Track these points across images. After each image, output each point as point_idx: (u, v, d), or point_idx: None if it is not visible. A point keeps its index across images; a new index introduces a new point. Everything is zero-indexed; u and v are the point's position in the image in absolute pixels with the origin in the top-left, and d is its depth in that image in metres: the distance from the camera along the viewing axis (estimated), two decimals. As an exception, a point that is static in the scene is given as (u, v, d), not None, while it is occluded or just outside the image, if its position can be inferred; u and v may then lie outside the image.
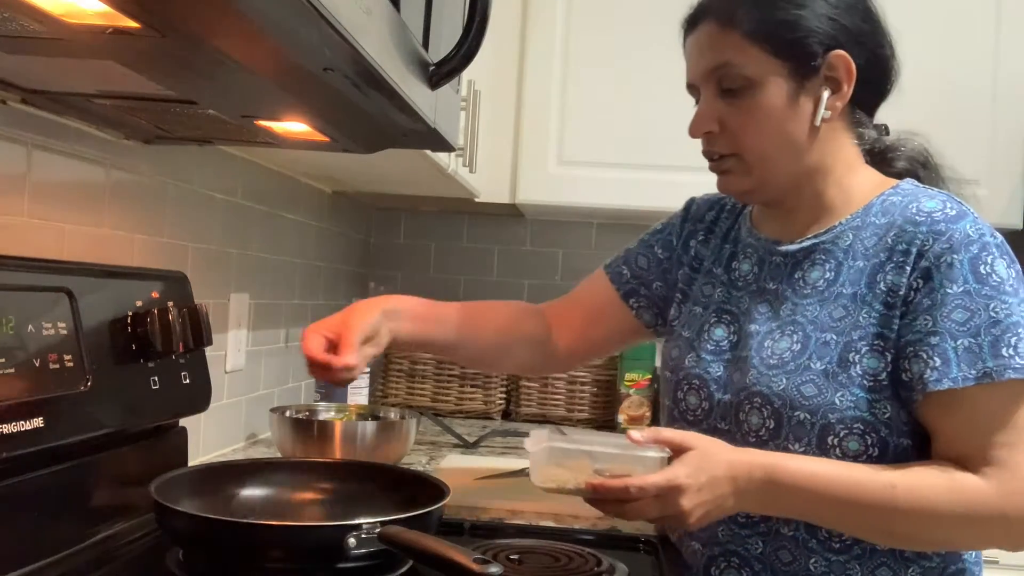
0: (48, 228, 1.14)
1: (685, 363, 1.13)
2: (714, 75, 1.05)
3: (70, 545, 1.02)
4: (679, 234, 1.27)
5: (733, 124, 1.05)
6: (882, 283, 1.01)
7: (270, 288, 1.90)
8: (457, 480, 1.33)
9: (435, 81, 1.04)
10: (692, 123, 1.09)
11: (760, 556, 1.04)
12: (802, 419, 1.00)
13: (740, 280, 1.14)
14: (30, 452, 0.93)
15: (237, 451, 1.74)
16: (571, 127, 2.22)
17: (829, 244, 1.07)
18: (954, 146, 1.18)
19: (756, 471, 0.95)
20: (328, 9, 0.68)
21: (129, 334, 1.12)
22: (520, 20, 2.23)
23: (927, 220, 1.00)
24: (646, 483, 0.92)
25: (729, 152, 1.07)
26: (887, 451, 0.99)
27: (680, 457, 0.94)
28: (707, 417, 1.09)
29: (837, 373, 0.99)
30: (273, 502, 1.17)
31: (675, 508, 0.93)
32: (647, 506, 0.93)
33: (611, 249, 2.69)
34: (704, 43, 1.06)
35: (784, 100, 1.03)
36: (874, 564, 1.01)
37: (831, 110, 1.04)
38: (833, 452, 0.99)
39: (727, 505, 0.96)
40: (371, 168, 1.81)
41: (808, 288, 1.06)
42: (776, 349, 1.04)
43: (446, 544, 0.89)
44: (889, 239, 1.02)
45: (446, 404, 2.39)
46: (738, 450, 0.98)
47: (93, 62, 0.86)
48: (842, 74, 1.03)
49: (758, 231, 1.15)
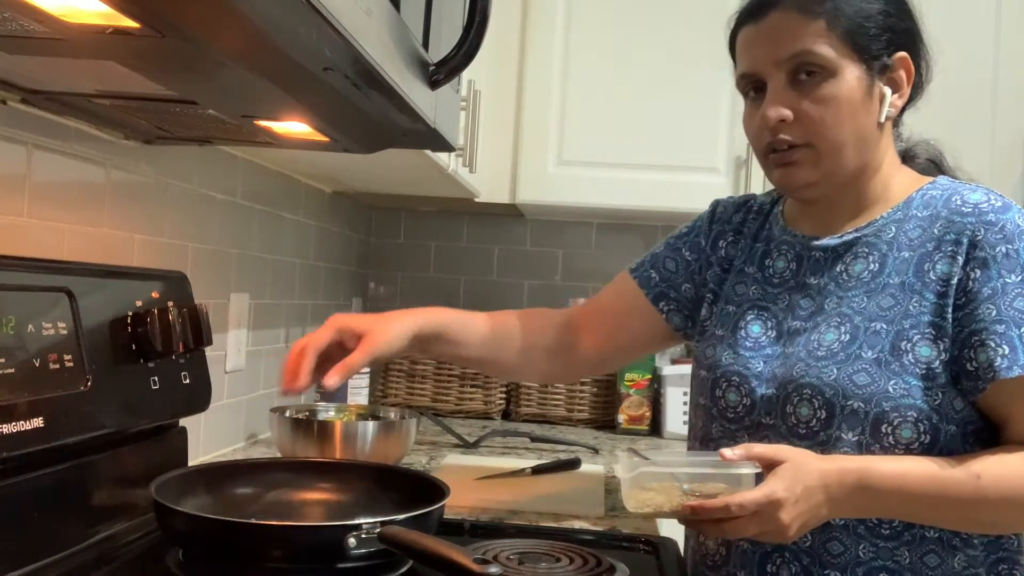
0: (48, 228, 1.14)
1: (723, 360, 1.13)
2: (790, 63, 1.04)
3: (70, 545, 1.02)
4: (707, 235, 1.26)
5: (811, 112, 1.04)
6: (931, 272, 1.02)
7: (270, 288, 1.90)
8: (457, 480, 1.33)
9: (435, 81, 1.04)
10: (765, 110, 1.05)
11: (809, 549, 1.04)
12: (855, 408, 1.01)
13: (776, 277, 1.15)
14: (30, 452, 0.93)
15: (237, 451, 1.74)
16: (571, 127, 2.23)
17: (871, 237, 1.08)
18: (954, 146, 1.19)
19: (848, 476, 0.96)
20: (328, 9, 0.68)
21: (129, 334, 1.12)
22: (520, 20, 2.23)
23: (975, 211, 1.02)
24: (745, 500, 0.92)
25: (802, 142, 1.05)
26: (938, 439, 1.00)
27: (774, 471, 0.95)
28: (749, 413, 1.10)
29: (890, 362, 1.01)
30: (273, 502, 1.17)
31: (775, 523, 0.93)
32: (746, 523, 0.94)
33: (611, 249, 2.71)
34: (780, 30, 1.05)
35: (861, 92, 1.04)
36: (923, 551, 1.02)
37: (894, 108, 1.07)
38: (886, 439, 1.00)
39: (822, 514, 0.97)
40: (371, 168, 1.81)
41: (852, 280, 1.07)
42: (823, 341, 1.05)
43: (446, 544, 0.89)
44: (936, 230, 1.04)
45: (446, 404, 2.39)
46: (827, 458, 0.99)
47: (93, 62, 0.86)
48: (903, 76, 1.07)
49: (793, 229, 1.16)
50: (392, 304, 2.71)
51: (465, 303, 2.68)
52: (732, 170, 2.18)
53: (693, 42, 2.17)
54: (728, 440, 1.11)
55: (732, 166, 2.18)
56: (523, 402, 2.40)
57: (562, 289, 2.68)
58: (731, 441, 1.10)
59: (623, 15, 2.21)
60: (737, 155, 2.17)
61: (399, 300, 2.72)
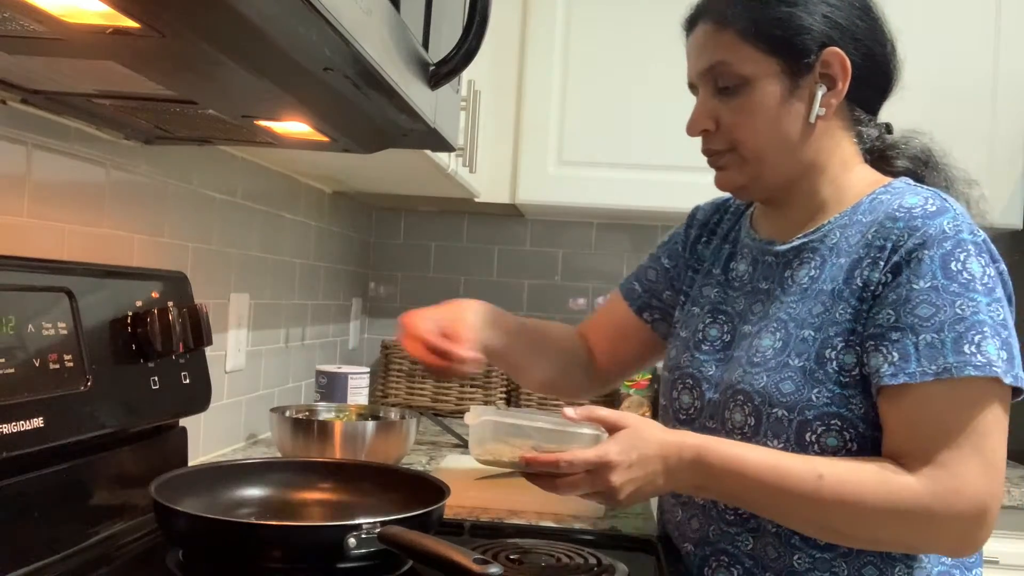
0: (48, 228, 1.14)
1: (681, 362, 1.14)
2: (710, 74, 1.07)
3: (70, 545, 1.02)
4: (684, 241, 1.27)
5: (728, 121, 1.06)
6: (859, 279, 1.00)
7: (270, 288, 1.90)
8: (457, 480, 1.33)
9: (435, 81, 1.04)
10: (689, 122, 1.10)
11: (750, 553, 1.04)
12: (779, 416, 1.00)
13: (736, 280, 1.15)
14: (30, 452, 0.93)
15: (237, 451, 1.74)
16: (571, 127, 2.23)
17: (816, 243, 1.07)
18: (954, 146, 1.18)
19: (686, 451, 0.96)
20: (328, 9, 0.68)
21: (129, 334, 1.12)
22: (520, 20, 2.23)
23: (905, 216, 0.99)
24: (576, 458, 0.93)
25: (725, 148, 1.08)
26: (866, 446, 0.98)
27: (613, 435, 0.96)
28: (699, 416, 1.10)
29: (814, 370, 1.00)
30: (273, 502, 1.17)
31: (605, 484, 0.94)
32: (578, 481, 0.94)
33: (611, 249, 2.71)
34: (701, 43, 1.08)
35: (778, 98, 1.04)
36: (860, 563, 1.00)
37: (826, 107, 1.05)
38: (812, 448, 0.99)
39: (658, 483, 0.97)
40: (371, 168, 1.81)
41: (794, 286, 1.06)
42: (760, 347, 1.05)
43: (446, 544, 0.89)
44: (869, 235, 1.02)
45: (446, 404, 2.39)
46: (671, 431, 1.00)
47: (93, 62, 0.86)
48: (837, 71, 1.04)
49: (755, 232, 1.16)
50: (392, 304, 2.71)
51: (465, 303, 2.68)
52: (732, 170, 2.18)
53: (693, 42, 2.17)
54: None
55: (732, 166, 2.17)
56: (523, 402, 2.40)
57: (562, 289, 2.68)
58: None
59: (623, 15, 2.21)
60: (737, 155, 2.16)
61: (399, 300, 2.72)
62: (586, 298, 2.68)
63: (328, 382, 1.90)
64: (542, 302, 2.67)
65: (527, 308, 2.66)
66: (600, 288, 2.68)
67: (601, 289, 2.68)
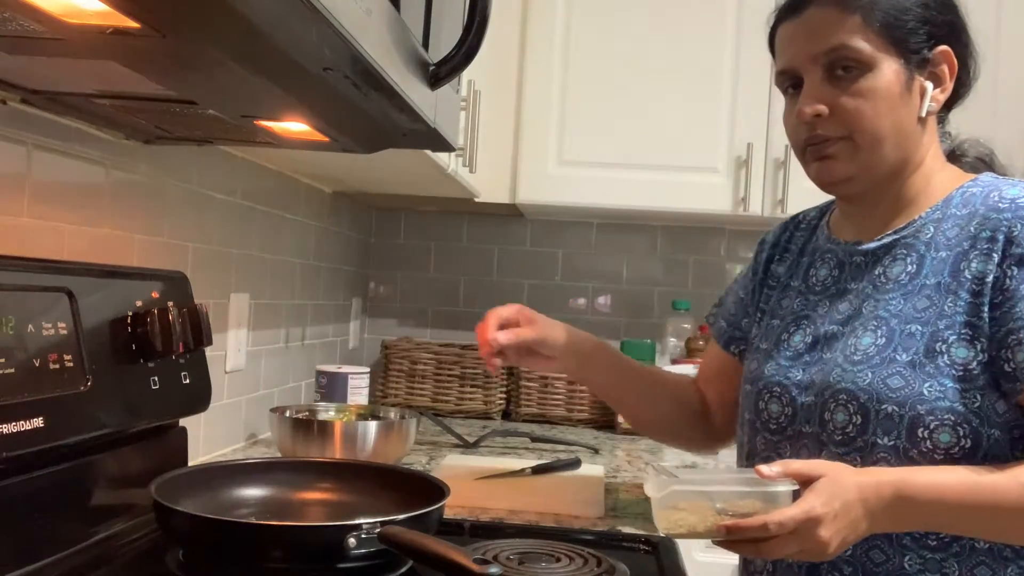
0: (48, 228, 1.14)
1: (764, 372, 1.12)
2: (826, 58, 1.04)
3: (70, 545, 1.02)
4: (756, 266, 1.26)
5: (848, 105, 1.03)
6: (967, 271, 1.00)
7: (270, 288, 1.90)
8: (457, 480, 1.33)
9: (435, 81, 1.04)
10: (800, 105, 1.06)
11: (850, 559, 1.01)
12: (890, 412, 0.98)
13: (818, 285, 1.14)
14: (30, 452, 0.93)
15: (237, 451, 1.74)
16: (571, 127, 2.22)
17: (910, 238, 1.06)
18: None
19: (885, 489, 0.93)
20: (328, 9, 0.68)
21: (129, 334, 1.12)
22: (520, 20, 2.23)
23: (1011, 206, 1.00)
24: (784, 518, 0.89)
25: (840, 135, 1.05)
26: (980, 443, 0.97)
27: (811, 487, 0.92)
28: (791, 423, 1.07)
29: (924, 363, 0.98)
30: (273, 502, 1.17)
31: (814, 540, 0.90)
32: (785, 542, 0.90)
33: (611, 249, 2.71)
34: (817, 25, 1.05)
35: (899, 85, 1.03)
36: (973, 563, 0.99)
37: (935, 103, 1.05)
38: (924, 444, 0.97)
39: (861, 528, 0.93)
40: (371, 168, 1.81)
41: (891, 283, 1.05)
42: (859, 345, 1.03)
43: (446, 544, 0.89)
44: (972, 228, 1.01)
45: (446, 404, 2.39)
46: (864, 471, 0.96)
47: (93, 62, 0.86)
48: (946, 70, 1.05)
49: (836, 236, 1.15)
50: (392, 304, 2.71)
51: (465, 303, 2.69)
52: (732, 170, 2.18)
53: (693, 42, 2.17)
54: (771, 453, 1.09)
55: (732, 166, 2.18)
56: (523, 402, 2.40)
57: (562, 289, 2.68)
58: (774, 454, 1.08)
59: (623, 15, 2.21)
60: (737, 155, 2.17)
61: (399, 300, 2.72)
62: (586, 298, 2.68)
63: (328, 382, 1.90)
64: (542, 302, 2.67)
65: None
66: (600, 288, 2.68)
67: (601, 289, 2.68)
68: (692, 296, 2.57)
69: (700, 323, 2.49)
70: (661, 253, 2.67)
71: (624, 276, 2.68)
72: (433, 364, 2.41)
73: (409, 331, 2.69)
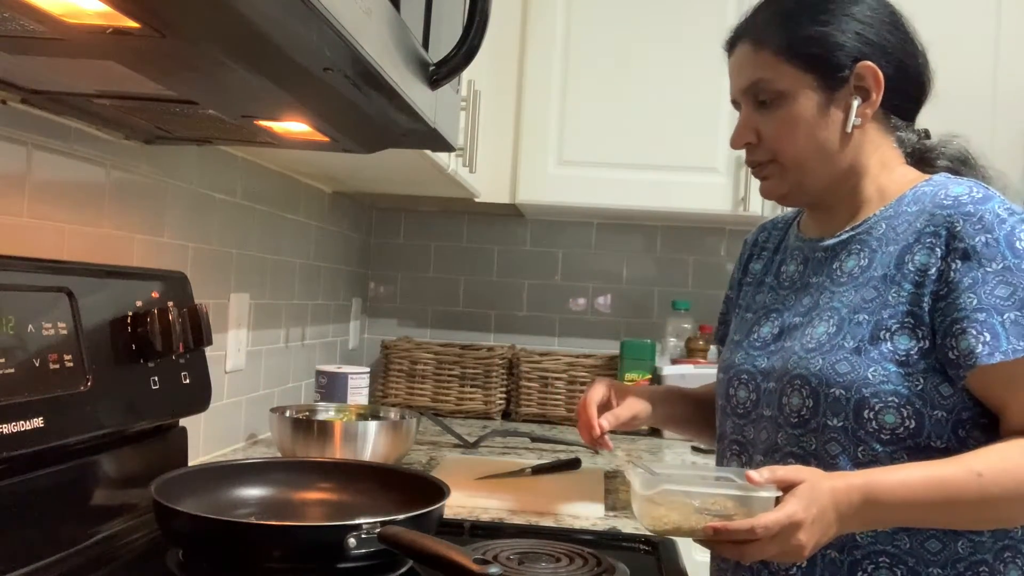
0: (48, 228, 1.14)
1: (735, 361, 1.20)
2: (750, 91, 1.15)
3: (70, 545, 1.02)
4: (739, 267, 1.35)
5: (769, 134, 1.14)
6: (910, 264, 1.06)
7: (270, 288, 1.90)
8: (457, 480, 1.33)
9: (435, 81, 1.04)
10: (733, 136, 1.18)
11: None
12: (838, 395, 1.05)
13: (787, 280, 1.21)
14: (30, 452, 0.93)
15: (237, 451, 1.74)
16: (571, 127, 2.23)
17: (864, 234, 1.13)
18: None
19: (854, 494, 0.97)
20: (328, 9, 0.68)
21: (129, 334, 1.12)
22: (520, 20, 2.23)
23: (955, 203, 1.05)
24: (769, 522, 0.93)
25: (767, 159, 1.15)
26: (923, 424, 1.03)
27: (792, 492, 0.96)
28: (755, 407, 1.15)
29: (869, 350, 1.04)
30: (273, 502, 1.17)
31: (793, 543, 0.94)
32: (766, 545, 0.94)
33: (611, 249, 2.72)
34: (741, 63, 1.16)
35: (814, 110, 1.12)
36: (923, 536, 1.04)
37: (862, 117, 1.12)
38: (870, 425, 1.03)
39: (831, 532, 0.98)
40: (371, 168, 1.81)
41: (844, 276, 1.12)
42: (814, 334, 1.10)
43: (446, 544, 0.89)
44: (919, 223, 1.08)
45: (446, 404, 2.39)
46: (834, 475, 1.00)
47: (93, 62, 0.86)
48: (870, 83, 1.11)
49: (804, 235, 1.23)
50: (392, 304, 2.72)
51: (465, 303, 2.69)
52: (732, 170, 2.18)
53: (693, 42, 2.17)
54: (738, 435, 1.17)
55: (732, 166, 2.18)
56: (523, 402, 2.40)
57: (562, 289, 2.68)
58: (740, 436, 1.16)
59: (623, 15, 2.21)
60: (737, 155, 2.16)
61: (399, 300, 2.72)
62: (586, 298, 2.68)
63: (328, 382, 1.90)
64: (542, 302, 2.67)
65: (527, 308, 2.67)
66: (600, 288, 2.68)
67: (601, 289, 2.68)
68: (692, 296, 2.57)
69: (700, 323, 2.49)
70: (661, 253, 2.67)
71: (624, 276, 2.68)
72: (433, 364, 2.41)
73: (409, 331, 2.69)
